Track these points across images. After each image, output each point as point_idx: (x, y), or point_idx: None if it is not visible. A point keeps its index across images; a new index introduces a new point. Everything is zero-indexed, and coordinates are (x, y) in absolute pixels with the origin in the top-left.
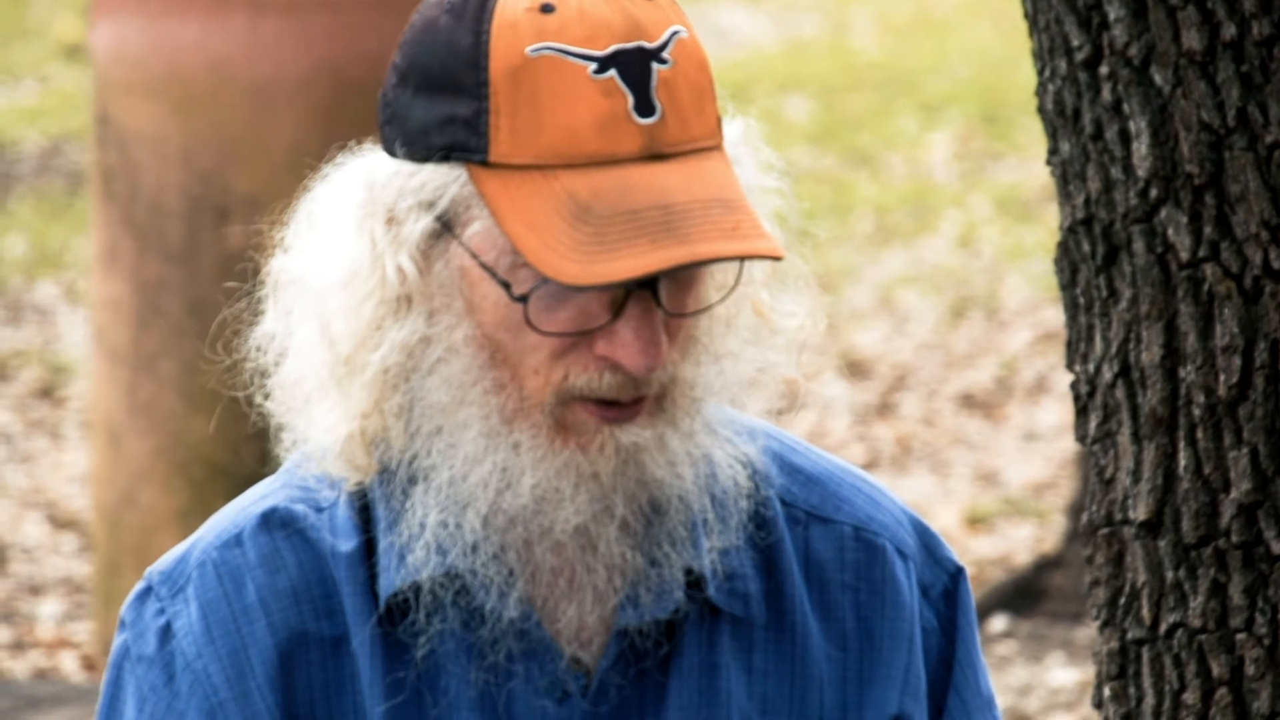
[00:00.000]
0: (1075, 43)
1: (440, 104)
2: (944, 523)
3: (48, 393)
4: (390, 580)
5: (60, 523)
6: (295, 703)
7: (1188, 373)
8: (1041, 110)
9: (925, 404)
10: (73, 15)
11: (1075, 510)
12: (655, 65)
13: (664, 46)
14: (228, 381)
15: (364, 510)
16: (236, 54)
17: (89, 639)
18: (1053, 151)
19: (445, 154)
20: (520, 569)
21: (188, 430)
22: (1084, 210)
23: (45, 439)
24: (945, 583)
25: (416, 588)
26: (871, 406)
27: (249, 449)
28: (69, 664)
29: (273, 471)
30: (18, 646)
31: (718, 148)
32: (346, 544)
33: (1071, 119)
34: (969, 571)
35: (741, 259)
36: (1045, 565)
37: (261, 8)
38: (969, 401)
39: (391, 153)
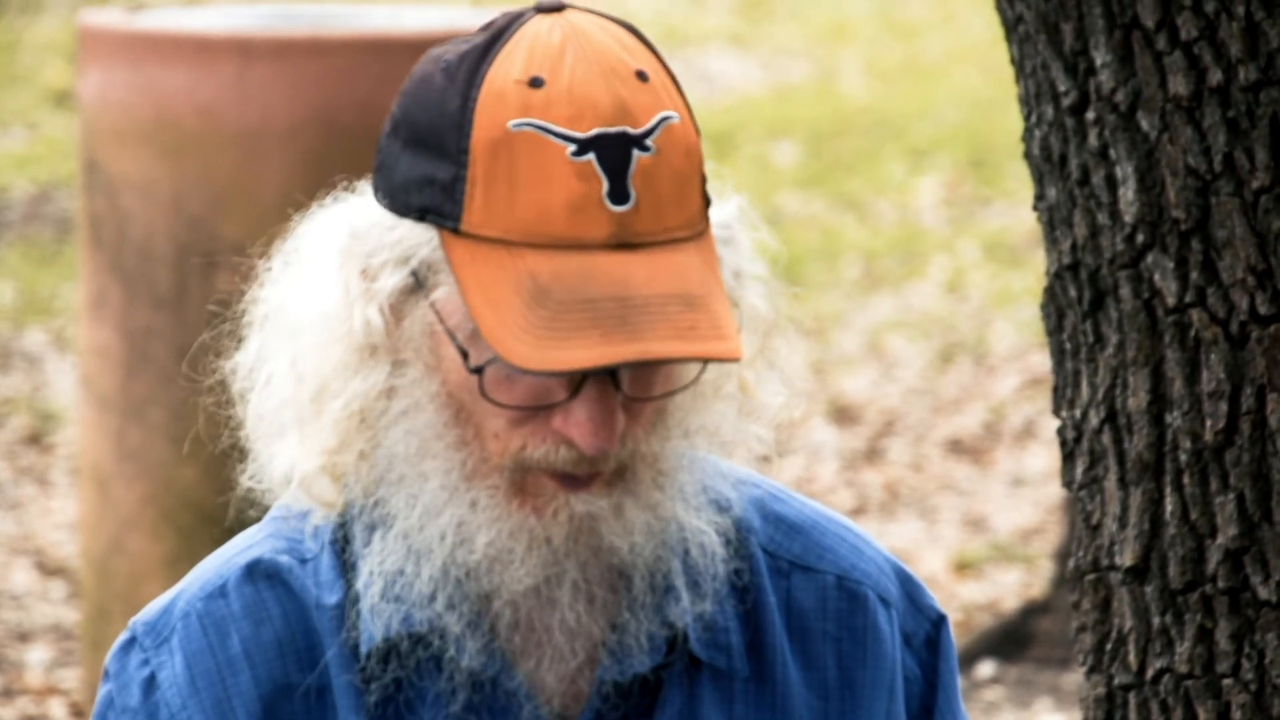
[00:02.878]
0: (1062, 88)
1: (423, 162)
2: (931, 568)
3: (36, 440)
4: (368, 636)
5: (48, 570)
6: None
7: (1174, 418)
8: (1028, 156)
9: (913, 449)
10: (61, 62)
11: (1062, 556)
12: (636, 152)
13: (649, 133)
14: (216, 429)
15: (347, 561)
16: (225, 100)
17: (77, 686)
18: (1039, 197)
19: (421, 214)
20: (483, 624)
21: (176, 477)
22: (1070, 256)
23: (33, 486)
24: (928, 630)
25: (396, 649)
26: (859, 452)
27: (238, 497)
28: (57, 711)
29: (262, 519)
30: (6, 694)
31: (695, 237)
32: (330, 597)
33: (1058, 164)
34: (956, 617)
35: (692, 360)
36: (1033, 611)
37: (250, 54)
38: (957, 447)
39: (379, 200)
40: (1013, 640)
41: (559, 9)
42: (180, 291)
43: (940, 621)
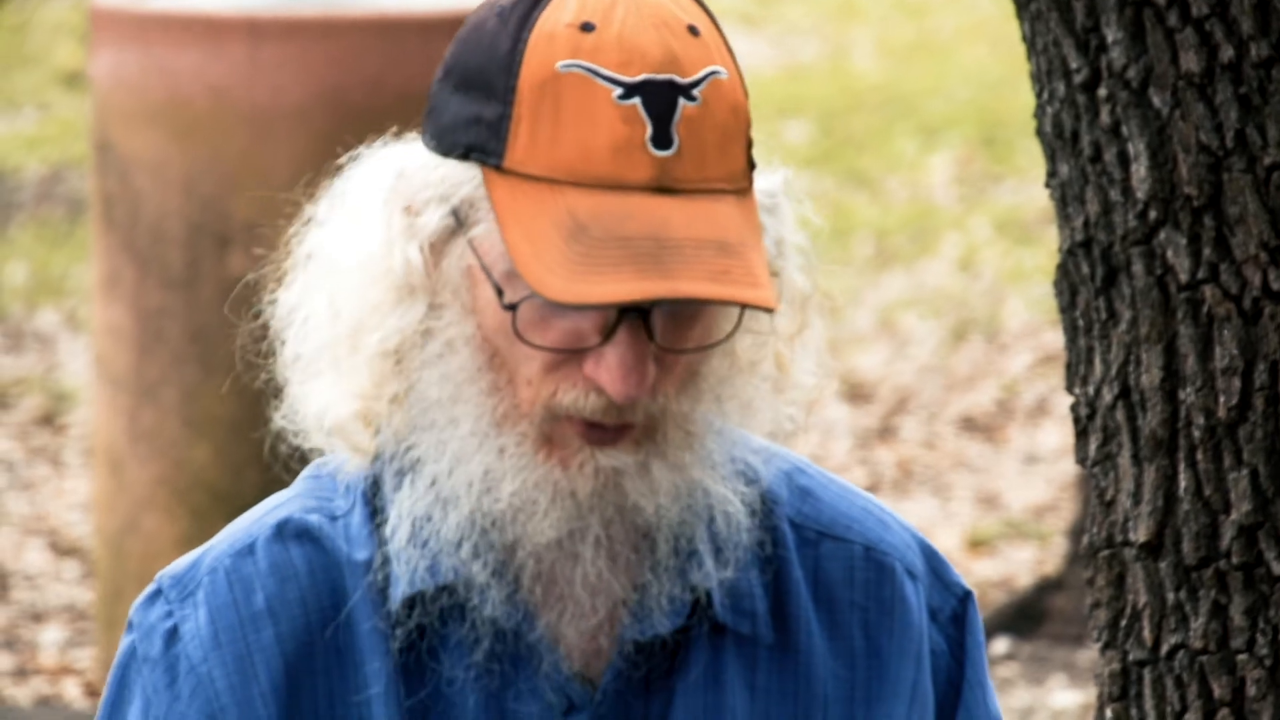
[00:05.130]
0: (1073, 65)
1: (471, 103)
2: (945, 545)
3: (49, 420)
4: (396, 581)
5: (62, 550)
6: (299, 712)
7: (1187, 394)
8: (1040, 133)
9: (926, 427)
10: (72, 43)
11: (1076, 532)
12: (682, 100)
13: (696, 84)
14: (254, 370)
15: (377, 514)
16: (236, 80)
17: (91, 666)
18: (1051, 174)
19: (466, 152)
20: (507, 575)
21: (189, 457)
22: (1083, 232)
23: (47, 466)
24: (954, 606)
25: (422, 596)
26: (872, 430)
27: (250, 476)
28: (72, 691)
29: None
30: (20, 674)
31: (737, 193)
32: (360, 553)
33: (1070, 141)
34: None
35: (723, 303)
36: (1046, 587)
37: (260, 34)
38: (970, 424)
39: (426, 143)
40: (1027, 617)
41: None
42: (193, 272)
43: (966, 597)
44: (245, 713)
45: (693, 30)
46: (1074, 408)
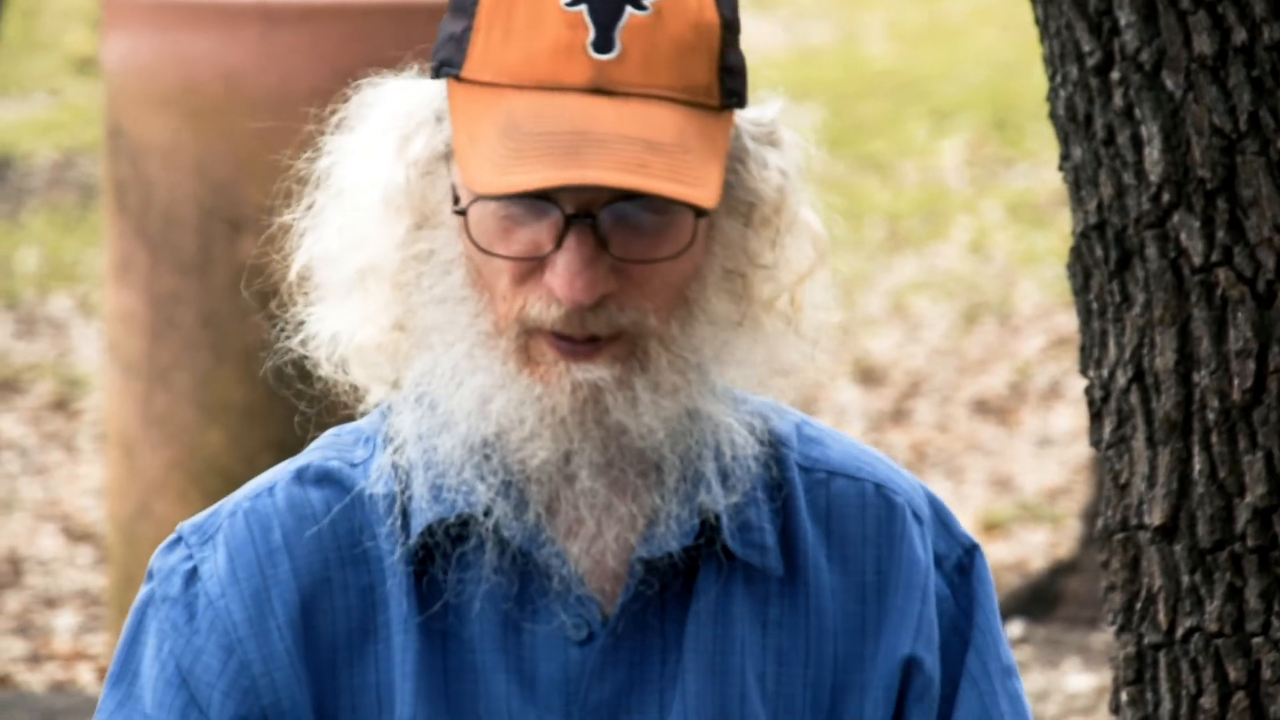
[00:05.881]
0: (1086, 48)
1: (449, 23)
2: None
3: (62, 405)
4: (418, 522)
5: (75, 535)
6: (317, 646)
7: (1201, 377)
8: (1053, 116)
9: (939, 410)
10: (84, 28)
11: (1090, 515)
12: (630, 9)
13: None
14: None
15: (395, 456)
16: (249, 65)
17: (105, 651)
18: (1065, 157)
19: (439, 68)
20: (512, 495)
21: (202, 443)
22: (1096, 216)
23: (60, 452)
24: (960, 556)
25: (434, 522)
26: (885, 413)
27: (264, 460)
28: (86, 676)
29: None
30: (34, 659)
31: (695, 105)
32: (377, 489)
33: (1083, 124)
34: None
35: (631, 191)
36: (1061, 570)
37: (274, 19)
38: (983, 407)
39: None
40: (1041, 600)
41: None
42: (205, 257)
43: (973, 549)
44: (262, 644)
45: None
46: (1088, 391)
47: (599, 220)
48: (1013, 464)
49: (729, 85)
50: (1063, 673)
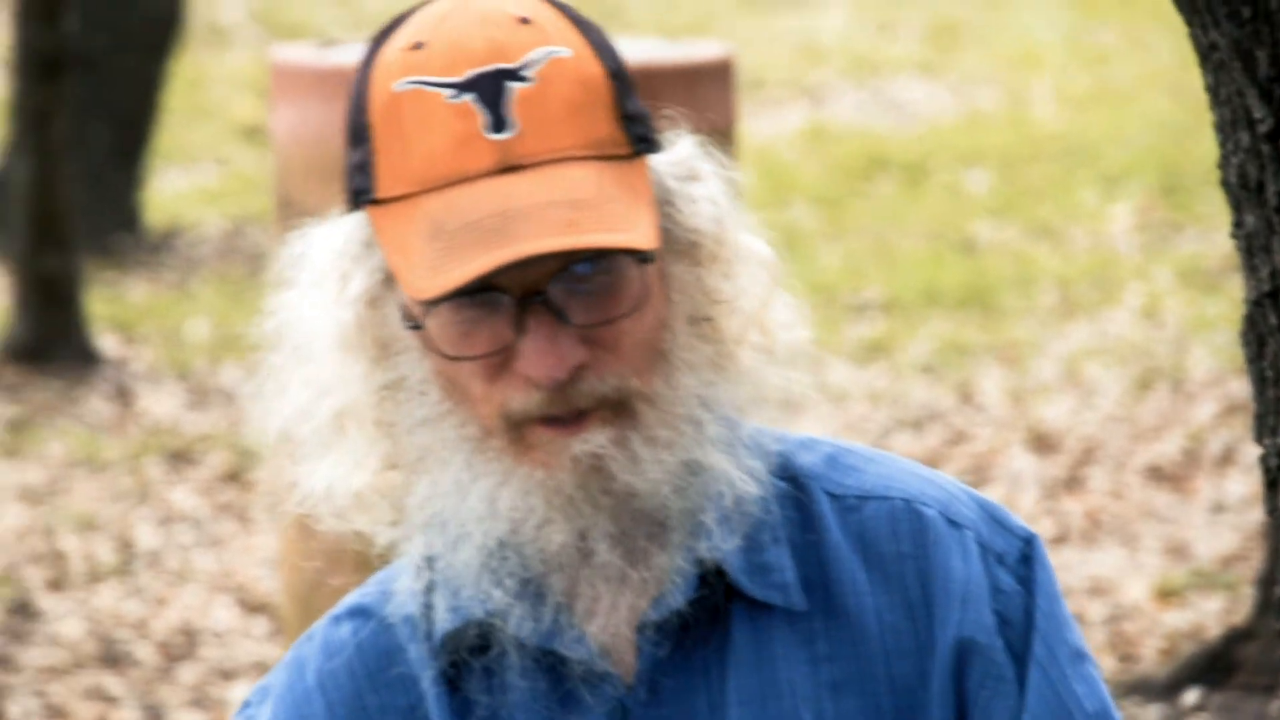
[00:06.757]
0: (1257, 115)
1: (350, 154)
2: (1134, 596)
3: (235, 477)
4: (436, 634)
5: (250, 607)
6: None
7: None
8: (1225, 183)
9: (1113, 477)
10: (250, 96)
11: (1265, 582)
12: (512, 84)
13: (525, 66)
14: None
15: (420, 575)
16: None
17: None
18: (1237, 224)
19: (354, 200)
20: (529, 593)
21: None
22: (1270, 283)
23: (234, 523)
24: (1020, 547)
25: (456, 634)
26: (1059, 480)
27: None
28: None
29: None
30: None
31: (604, 159)
32: (406, 609)
33: (1255, 192)
34: (1159, 645)
35: (571, 250)
36: (1236, 638)
37: None
38: (1157, 474)
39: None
40: (1217, 667)
41: None
42: None
43: (1031, 539)
44: None
45: (523, 21)
46: (1263, 459)
47: (549, 295)
48: (1187, 531)
49: (634, 132)
50: None
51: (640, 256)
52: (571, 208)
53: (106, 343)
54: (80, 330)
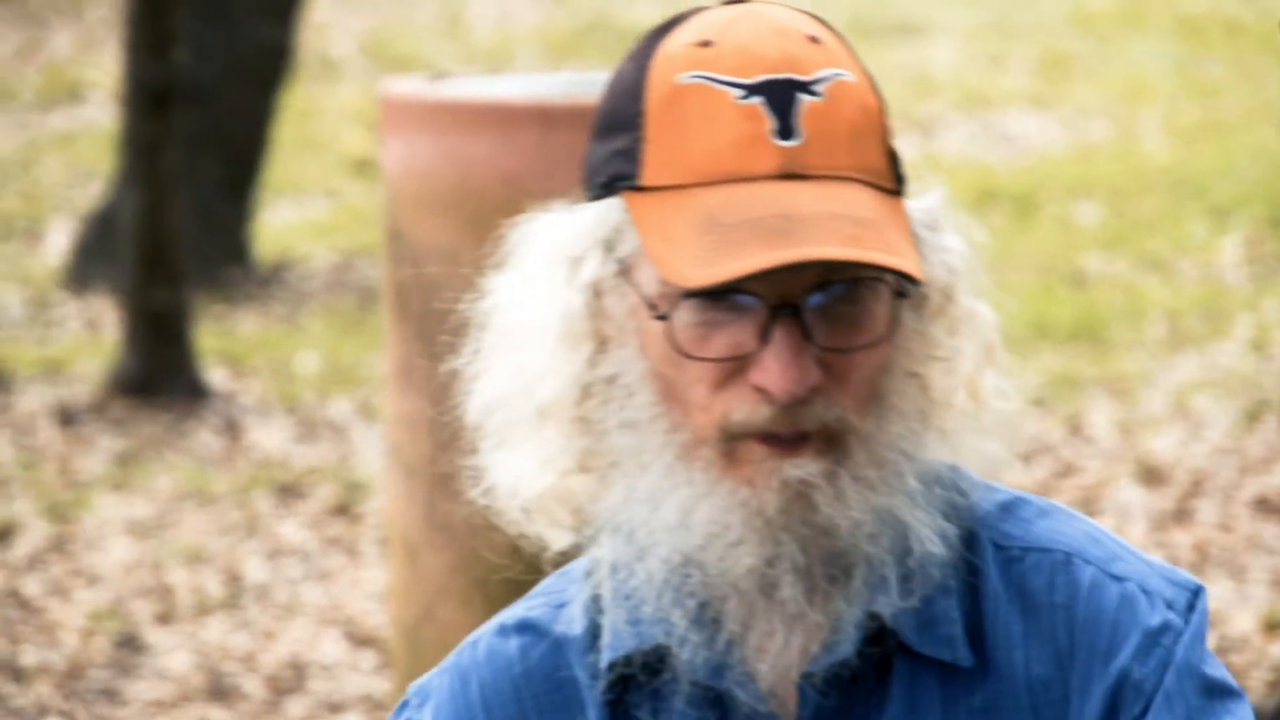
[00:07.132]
0: None
1: (609, 142)
2: (1242, 628)
3: (344, 509)
4: (612, 655)
5: (358, 640)
6: None
7: None
8: None
9: (1221, 509)
10: (359, 129)
11: None
12: (803, 96)
13: (816, 81)
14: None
15: (594, 588)
16: (528, 168)
17: None
18: None
19: (608, 186)
20: (707, 618)
21: (486, 546)
22: None
23: (342, 556)
24: (1188, 598)
25: (628, 656)
26: (1168, 513)
27: (548, 564)
28: None
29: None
30: None
31: (874, 185)
32: (577, 628)
33: None
34: (1267, 677)
35: (857, 262)
36: None
37: (553, 121)
38: (1265, 506)
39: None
40: None
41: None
42: None
43: (1199, 591)
44: None
45: (813, 39)
46: None
47: (803, 310)
48: None
49: (897, 170)
50: None
51: (899, 291)
52: (855, 224)
53: (215, 376)
54: (189, 364)
